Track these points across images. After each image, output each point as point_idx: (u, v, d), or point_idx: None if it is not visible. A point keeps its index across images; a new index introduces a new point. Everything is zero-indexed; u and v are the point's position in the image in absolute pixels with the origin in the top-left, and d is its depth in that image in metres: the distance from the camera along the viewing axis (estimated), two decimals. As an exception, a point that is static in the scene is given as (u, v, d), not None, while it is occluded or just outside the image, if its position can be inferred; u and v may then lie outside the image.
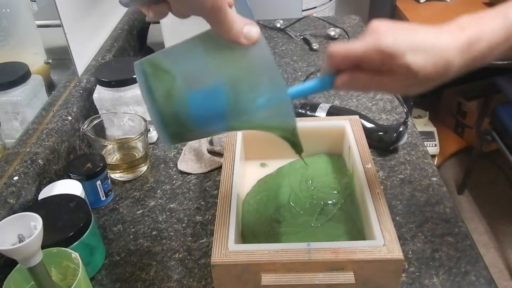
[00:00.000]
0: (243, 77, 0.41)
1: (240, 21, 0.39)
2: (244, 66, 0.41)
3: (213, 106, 0.41)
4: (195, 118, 0.41)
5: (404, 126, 0.77)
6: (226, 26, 0.38)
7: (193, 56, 0.42)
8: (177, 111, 0.41)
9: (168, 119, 0.42)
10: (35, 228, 0.43)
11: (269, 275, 0.49)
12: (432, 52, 0.41)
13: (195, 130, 0.43)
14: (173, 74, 0.41)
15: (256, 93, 0.41)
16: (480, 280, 0.56)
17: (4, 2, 0.74)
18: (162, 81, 0.41)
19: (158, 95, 0.41)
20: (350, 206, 0.61)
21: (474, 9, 1.91)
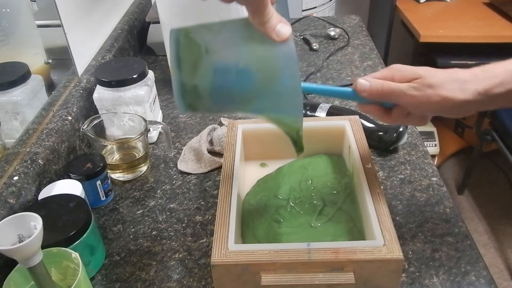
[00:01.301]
0: (266, 68, 0.44)
1: (276, 17, 0.41)
2: (269, 58, 0.43)
3: (233, 87, 0.45)
4: (214, 94, 0.45)
5: (404, 126, 0.77)
6: (263, 18, 0.41)
7: (226, 38, 0.45)
8: (198, 85, 0.45)
9: (188, 89, 0.45)
10: (35, 228, 0.43)
11: (269, 275, 0.49)
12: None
13: (210, 104, 0.47)
14: (203, 49, 0.44)
15: (274, 85, 0.44)
16: (480, 280, 0.56)
17: (4, 2, 0.74)
18: (192, 53, 0.44)
19: (185, 66, 0.44)
20: (350, 206, 0.61)
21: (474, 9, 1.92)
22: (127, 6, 1.26)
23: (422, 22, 1.76)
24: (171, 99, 1.00)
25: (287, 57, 0.43)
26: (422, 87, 0.47)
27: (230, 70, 0.44)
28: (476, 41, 1.65)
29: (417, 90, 0.47)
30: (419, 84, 0.47)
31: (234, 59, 0.44)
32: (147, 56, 1.22)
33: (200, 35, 0.45)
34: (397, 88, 0.48)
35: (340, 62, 1.12)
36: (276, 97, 0.45)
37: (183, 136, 0.87)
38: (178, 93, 0.46)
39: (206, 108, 0.49)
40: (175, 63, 0.45)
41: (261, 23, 0.41)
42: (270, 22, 0.41)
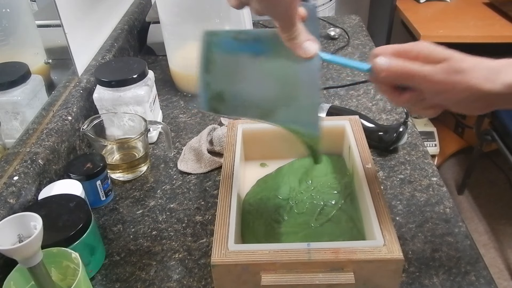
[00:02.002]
0: (289, 81, 0.45)
1: (304, 35, 0.42)
2: (293, 73, 0.45)
3: (256, 96, 0.46)
4: (237, 100, 0.47)
5: (404, 126, 0.77)
6: (291, 34, 0.42)
7: (256, 48, 0.46)
8: (224, 90, 0.47)
9: (213, 92, 0.47)
10: (35, 228, 0.43)
11: (269, 275, 0.49)
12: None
13: (232, 109, 0.49)
14: (233, 57, 0.46)
15: (294, 99, 0.46)
16: (480, 280, 0.56)
17: (4, 2, 0.74)
18: (221, 59, 0.46)
19: (213, 70, 0.46)
20: (350, 206, 0.61)
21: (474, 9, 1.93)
22: (127, 6, 1.26)
23: (422, 22, 1.76)
24: (171, 99, 1.00)
25: (310, 74, 0.44)
26: (449, 71, 0.41)
27: (256, 79, 0.46)
28: (476, 41, 1.65)
29: (442, 74, 0.41)
30: (445, 68, 0.42)
31: (260, 70, 0.45)
32: (147, 56, 1.22)
33: (232, 42, 0.47)
34: (420, 71, 0.42)
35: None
36: (295, 111, 0.46)
37: (183, 136, 0.87)
38: (203, 94, 0.47)
39: (228, 111, 0.50)
40: (204, 65, 0.46)
41: (289, 39, 0.42)
42: (297, 38, 0.42)
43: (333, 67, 1.10)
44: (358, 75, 1.05)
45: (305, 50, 0.43)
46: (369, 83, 1.01)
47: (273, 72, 0.45)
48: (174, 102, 0.99)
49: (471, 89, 0.41)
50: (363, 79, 1.03)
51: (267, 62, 0.45)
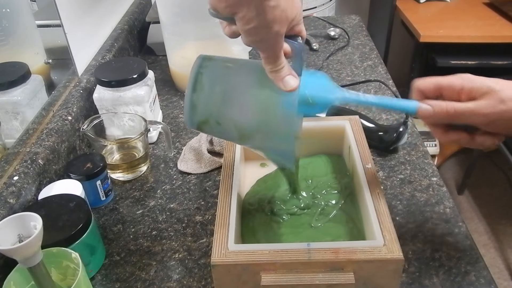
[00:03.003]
0: (268, 111, 0.47)
1: (287, 69, 0.45)
2: (272, 104, 0.47)
3: (237, 121, 0.49)
4: (220, 122, 0.49)
5: (404, 126, 0.77)
6: (274, 67, 0.45)
7: (242, 76, 0.50)
8: (207, 110, 0.49)
9: (197, 112, 0.49)
10: (35, 228, 0.43)
11: (269, 275, 0.49)
12: None
13: (214, 130, 0.51)
14: (220, 82, 0.49)
15: (272, 128, 0.48)
16: (480, 280, 0.56)
17: (4, 2, 0.74)
18: (210, 83, 0.49)
19: (200, 91, 0.49)
20: (350, 206, 0.61)
21: (474, 9, 1.93)
22: (127, 6, 1.26)
23: (422, 22, 1.76)
24: (171, 99, 1.00)
25: (289, 106, 0.46)
26: (493, 103, 0.45)
27: (239, 105, 0.48)
28: (476, 41, 1.65)
29: (488, 108, 0.45)
30: (490, 100, 0.45)
31: (244, 96, 0.48)
32: (147, 56, 1.22)
33: (221, 68, 0.50)
34: (465, 108, 0.46)
35: (340, 62, 1.12)
36: (272, 139, 0.49)
37: (183, 136, 0.87)
38: (188, 113, 0.49)
39: (211, 132, 0.53)
40: (192, 86, 0.48)
41: (271, 71, 0.45)
42: (280, 72, 0.45)
43: (333, 67, 1.10)
44: (358, 75, 1.05)
45: (285, 83, 0.45)
46: (369, 83, 1.01)
47: (255, 100, 0.48)
48: (174, 102, 0.99)
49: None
50: (363, 79, 1.03)
51: (251, 90, 0.48)
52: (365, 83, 1.00)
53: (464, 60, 1.71)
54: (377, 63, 1.10)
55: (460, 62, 1.71)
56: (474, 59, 1.70)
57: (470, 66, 1.71)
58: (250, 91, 0.48)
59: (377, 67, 1.09)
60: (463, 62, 1.71)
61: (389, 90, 0.96)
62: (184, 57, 0.98)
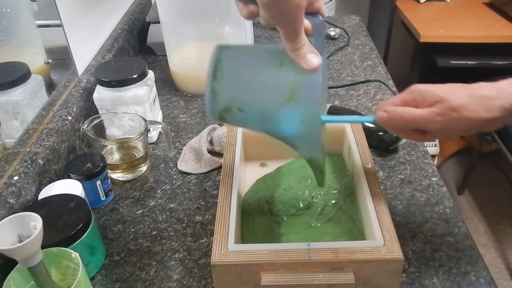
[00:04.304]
0: (291, 93, 0.45)
1: (308, 46, 0.43)
2: (295, 85, 0.45)
3: (259, 104, 0.47)
4: (241, 110, 0.48)
5: (404, 126, 0.77)
6: (295, 44, 0.42)
7: (263, 58, 0.48)
8: (229, 99, 0.47)
9: (219, 100, 0.48)
10: (35, 228, 0.43)
11: (269, 275, 0.49)
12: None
13: (236, 118, 0.49)
14: (241, 67, 0.48)
15: (295, 111, 0.46)
16: (480, 280, 0.56)
17: (4, 2, 0.74)
18: (231, 69, 0.47)
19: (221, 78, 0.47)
20: (350, 206, 0.61)
21: (474, 9, 1.93)
22: (127, 6, 1.26)
23: (422, 22, 1.76)
24: (171, 99, 1.00)
25: (312, 86, 0.44)
26: (445, 111, 0.46)
27: (261, 90, 0.46)
28: (476, 41, 1.65)
29: (440, 116, 0.46)
30: (442, 109, 0.46)
31: (265, 81, 0.46)
32: (147, 56, 1.22)
33: (241, 54, 0.49)
34: (419, 115, 0.47)
35: (340, 62, 1.12)
36: (297, 124, 0.47)
37: (183, 136, 0.87)
38: (210, 102, 0.48)
39: (234, 121, 0.50)
40: (212, 74, 0.47)
41: (292, 49, 0.43)
42: (301, 49, 0.43)
43: (333, 67, 1.10)
44: (358, 75, 1.05)
45: (307, 62, 0.43)
46: (369, 83, 1.01)
47: (277, 82, 0.46)
48: (174, 102, 0.99)
49: (470, 121, 0.45)
50: (363, 79, 1.03)
51: (272, 72, 0.46)
52: (365, 83, 1.00)
53: (464, 60, 1.71)
54: (377, 63, 1.11)
55: (460, 62, 1.71)
56: (474, 59, 1.70)
57: (470, 66, 1.71)
58: (271, 73, 0.46)
59: (377, 67, 1.09)
60: (463, 62, 1.71)
61: (389, 90, 0.96)
62: (184, 57, 0.98)
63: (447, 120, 0.46)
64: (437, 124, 0.46)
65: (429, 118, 0.46)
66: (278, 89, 0.46)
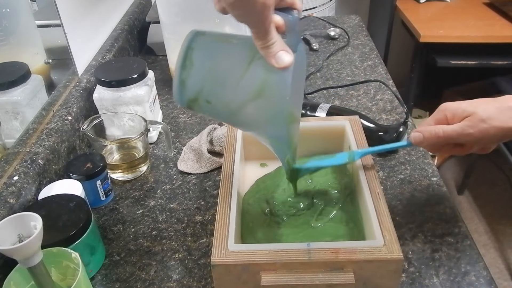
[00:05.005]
0: (260, 89, 0.44)
1: (279, 45, 0.41)
2: (264, 81, 0.44)
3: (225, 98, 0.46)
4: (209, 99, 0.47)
5: (404, 126, 0.77)
6: (265, 43, 0.41)
7: (234, 52, 0.46)
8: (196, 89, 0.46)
9: (186, 89, 0.47)
10: (35, 228, 0.43)
11: (269, 275, 0.49)
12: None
13: (203, 108, 0.48)
14: (210, 57, 0.46)
15: (262, 107, 0.45)
16: (480, 280, 0.56)
17: (4, 2, 0.74)
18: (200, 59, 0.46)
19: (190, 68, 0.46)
20: (350, 206, 0.61)
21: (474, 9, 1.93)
22: (127, 6, 1.26)
23: (422, 22, 1.76)
24: (171, 99, 1.00)
25: (281, 85, 0.43)
26: (476, 123, 0.50)
27: (229, 82, 0.45)
28: (476, 41, 1.65)
29: (472, 128, 0.50)
30: (472, 121, 0.50)
31: (234, 73, 0.45)
32: (147, 56, 1.22)
33: (213, 44, 0.47)
34: (451, 130, 0.51)
35: (340, 62, 1.12)
36: (264, 120, 0.46)
37: (183, 136, 0.87)
38: (178, 90, 0.47)
39: (200, 110, 0.49)
40: (181, 62, 0.46)
41: (262, 47, 0.41)
42: (271, 48, 0.41)
43: (333, 66, 1.10)
44: (358, 75, 1.05)
45: (277, 60, 0.42)
46: (369, 83, 1.01)
47: (245, 79, 0.44)
48: (174, 102, 0.99)
49: (500, 130, 0.50)
50: (363, 79, 1.03)
51: (242, 68, 0.45)
52: (365, 83, 1.00)
53: (464, 60, 1.71)
54: (377, 63, 1.11)
55: (460, 62, 1.71)
56: (474, 59, 1.70)
57: (470, 66, 1.71)
58: (241, 69, 0.45)
59: (377, 67, 1.09)
60: (463, 62, 1.71)
61: (389, 90, 0.96)
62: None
63: (478, 131, 0.50)
64: (469, 136, 0.51)
65: (462, 132, 0.51)
66: (246, 85, 0.44)
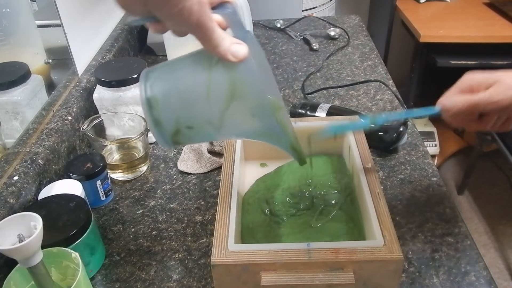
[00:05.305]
0: (232, 90, 0.42)
1: (228, 40, 0.40)
2: (232, 81, 0.42)
3: (206, 116, 0.44)
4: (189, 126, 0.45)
5: (404, 126, 0.77)
6: (213, 43, 0.40)
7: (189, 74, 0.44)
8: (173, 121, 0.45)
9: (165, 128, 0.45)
10: (35, 228, 0.43)
11: (269, 275, 0.49)
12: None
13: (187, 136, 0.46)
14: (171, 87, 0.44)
15: (244, 106, 0.43)
16: (480, 280, 0.56)
17: (4, 2, 0.74)
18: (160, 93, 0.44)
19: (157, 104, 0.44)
20: (350, 206, 0.61)
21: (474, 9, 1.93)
22: (127, 6, 1.26)
23: (422, 22, 1.76)
24: (171, 99, 1.00)
25: (249, 75, 0.42)
26: (503, 90, 0.49)
27: (199, 100, 0.44)
28: (476, 41, 1.65)
29: (499, 95, 0.49)
30: (499, 88, 0.50)
31: (200, 90, 0.43)
32: (147, 56, 1.22)
33: (167, 71, 0.45)
34: (479, 99, 0.50)
35: (340, 62, 1.12)
36: (250, 119, 0.45)
37: (183, 136, 0.87)
38: (157, 133, 0.45)
39: (186, 140, 0.47)
40: (147, 104, 0.44)
41: (213, 48, 0.40)
42: (222, 45, 0.40)
43: (333, 66, 1.10)
44: (358, 75, 1.05)
45: (234, 54, 0.40)
46: (369, 83, 1.01)
47: (213, 87, 0.43)
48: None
49: None
50: (363, 79, 1.03)
51: (205, 79, 0.43)
52: (365, 83, 1.00)
53: (464, 60, 1.71)
54: (377, 63, 1.10)
55: (460, 62, 1.71)
56: (474, 59, 1.70)
57: (470, 66, 1.70)
58: (204, 80, 0.43)
59: (377, 67, 1.09)
60: (463, 62, 1.71)
61: (389, 90, 0.96)
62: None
63: (505, 97, 0.49)
64: (497, 104, 0.49)
65: (489, 99, 0.50)
66: (216, 92, 0.43)
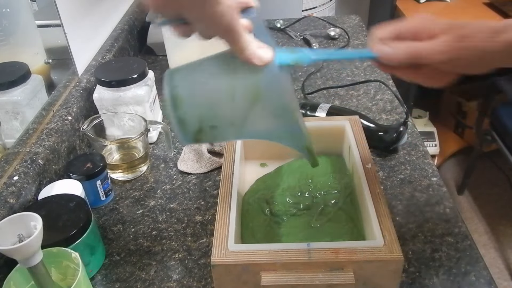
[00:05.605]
0: (256, 92, 0.44)
1: (255, 43, 0.42)
2: (256, 85, 0.44)
3: (229, 116, 0.46)
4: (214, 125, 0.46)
5: (404, 126, 0.77)
6: (240, 46, 0.41)
7: (215, 72, 0.46)
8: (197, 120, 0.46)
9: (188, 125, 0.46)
10: (35, 228, 0.43)
11: (269, 275, 0.49)
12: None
13: (212, 135, 0.47)
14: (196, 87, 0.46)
15: (265, 109, 0.44)
16: (480, 280, 0.56)
17: (4, 2, 0.74)
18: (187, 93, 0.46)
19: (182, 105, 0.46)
20: (350, 206, 0.61)
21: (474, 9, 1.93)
22: (127, 6, 1.26)
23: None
24: (171, 99, 1.00)
25: (272, 78, 0.43)
26: (454, 40, 0.43)
27: (225, 101, 0.45)
28: (476, 41, 1.65)
29: (448, 45, 0.43)
30: (450, 38, 0.43)
31: (226, 90, 0.44)
32: (147, 56, 1.22)
33: (193, 73, 0.47)
34: (424, 49, 0.44)
35: (340, 62, 1.12)
36: (272, 120, 0.46)
37: (183, 136, 0.87)
38: (180, 131, 0.46)
39: (208, 138, 0.49)
40: (172, 104, 0.46)
41: (240, 51, 0.41)
42: (248, 49, 0.41)
43: (333, 67, 1.10)
44: (358, 75, 1.05)
45: (259, 58, 0.41)
46: (369, 83, 1.01)
47: (237, 89, 0.44)
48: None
49: (475, 51, 0.43)
50: (363, 79, 1.03)
51: (230, 81, 0.45)
52: (365, 83, 1.00)
53: (464, 60, 1.71)
54: (377, 63, 1.10)
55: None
56: (474, 59, 1.70)
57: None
58: (229, 80, 0.45)
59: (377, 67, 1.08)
60: (463, 62, 1.71)
61: (389, 90, 0.96)
62: (184, 58, 0.98)
63: (454, 49, 0.43)
64: (443, 54, 0.44)
65: (436, 48, 0.44)
66: (241, 94, 0.44)
